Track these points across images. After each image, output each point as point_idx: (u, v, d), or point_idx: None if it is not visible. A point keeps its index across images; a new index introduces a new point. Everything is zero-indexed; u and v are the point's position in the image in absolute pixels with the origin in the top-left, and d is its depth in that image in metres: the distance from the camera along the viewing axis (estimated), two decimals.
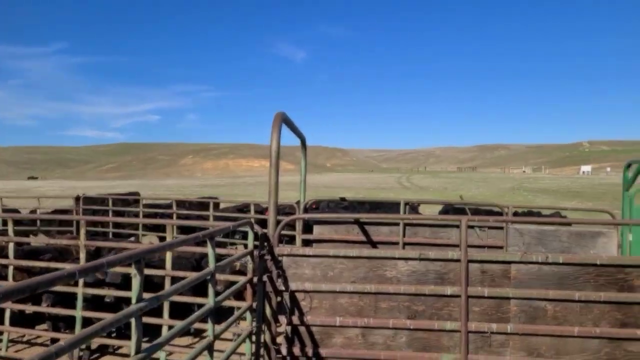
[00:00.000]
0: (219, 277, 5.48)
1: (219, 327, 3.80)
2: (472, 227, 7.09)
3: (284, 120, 4.75)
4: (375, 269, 4.19)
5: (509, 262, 4.04)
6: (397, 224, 7.06)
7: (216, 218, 10.94)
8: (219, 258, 3.86)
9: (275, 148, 4.41)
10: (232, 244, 10.82)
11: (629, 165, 7.45)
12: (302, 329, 4.28)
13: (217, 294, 3.70)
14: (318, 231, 7.41)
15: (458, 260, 4.04)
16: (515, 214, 8.45)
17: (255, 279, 4.28)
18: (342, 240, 7.09)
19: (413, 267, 4.14)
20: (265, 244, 4.29)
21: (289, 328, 4.30)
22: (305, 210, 7.81)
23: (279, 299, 4.28)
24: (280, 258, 4.30)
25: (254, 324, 4.27)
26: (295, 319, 4.27)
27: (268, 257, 4.27)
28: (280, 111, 4.66)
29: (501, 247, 6.64)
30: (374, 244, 6.95)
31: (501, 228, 6.90)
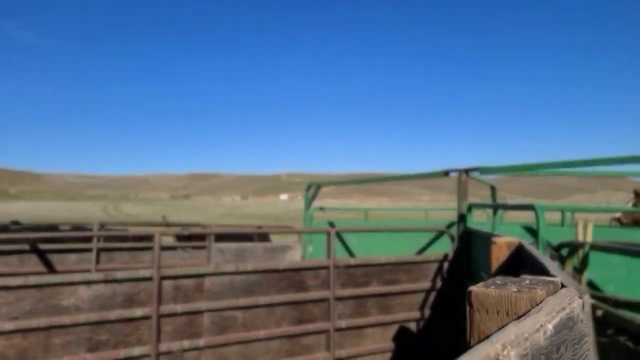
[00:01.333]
0: None
1: None
2: (174, 248, 6.95)
3: None
4: (47, 299, 3.48)
5: (203, 275, 4.04)
6: (89, 250, 6.22)
7: None
8: None
9: None
10: None
11: (308, 188, 8.86)
12: None
13: None
14: None
15: (150, 279, 3.77)
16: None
17: None
18: (14, 274, 5.72)
19: (97, 292, 3.63)
20: None
21: None
22: None
23: None
24: None
25: None
26: None
27: None
28: None
29: None
30: None
31: (204, 248, 7.01)
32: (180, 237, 7.46)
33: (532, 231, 5.23)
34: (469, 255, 4.91)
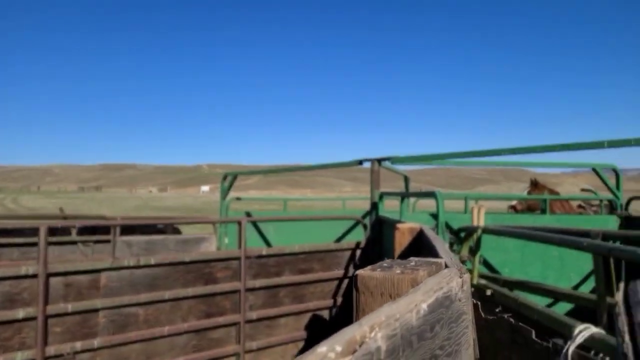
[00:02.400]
0: None
1: None
2: (75, 242, 6.41)
3: None
4: None
5: (99, 271, 3.73)
6: None
7: None
8: None
9: None
10: None
11: (225, 178, 8.60)
12: None
13: None
14: None
15: (35, 276, 3.40)
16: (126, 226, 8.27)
17: None
18: None
19: None
20: None
21: None
22: None
23: None
24: None
25: None
26: None
27: None
28: None
29: None
30: None
31: (108, 242, 6.54)
32: (82, 231, 6.89)
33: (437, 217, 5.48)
34: (380, 243, 5.04)
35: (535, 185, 10.62)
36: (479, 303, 2.45)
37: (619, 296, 1.01)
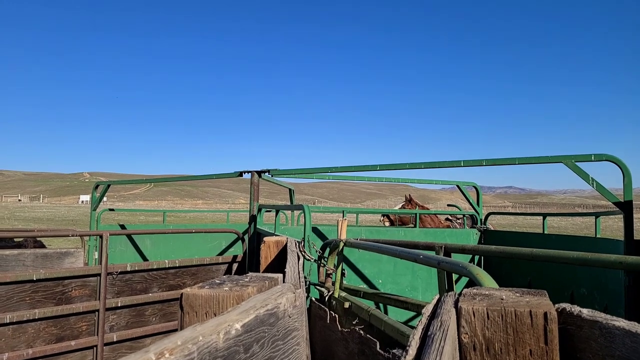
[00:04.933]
0: None
1: None
2: None
3: None
4: None
5: None
6: None
7: None
8: None
9: None
10: None
11: (96, 187, 7.89)
12: None
13: None
14: None
15: None
16: None
17: None
18: None
19: None
20: None
21: None
22: None
23: None
24: None
25: None
26: None
27: None
28: None
29: None
30: None
31: None
32: None
33: (317, 231, 5.60)
34: (257, 256, 4.97)
35: (409, 201, 11.47)
36: (337, 316, 2.50)
37: (429, 308, 1.07)
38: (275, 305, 1.25)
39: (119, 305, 4.11)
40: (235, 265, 4.97)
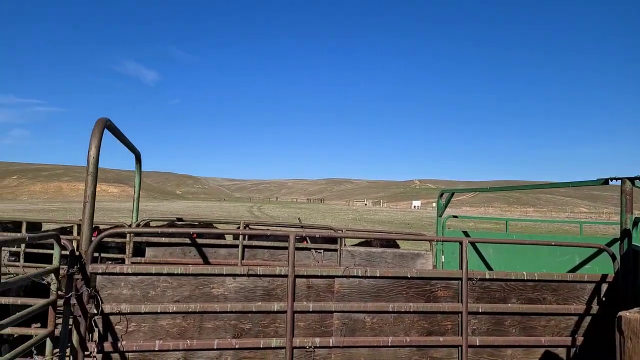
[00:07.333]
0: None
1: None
2: (309, 249, 7.30)
3: (110, 129, 4.29)
4: (202, 287, 3.95)
5: (333, 277, 4.18)
6: (236, 246, 6.90)
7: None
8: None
9: (94, 155, 3.92)
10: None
11: (441, 195, 8.57)
12: (115, 356, 3.78)
13: None
14: (152, 254, 6.85)
15: (285, 276, 4.04)
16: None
17: (61, 302, 3.66)
18: (176, 263, 6.63)
19: (241, 284, 4.01)
20: (77, 261, 3.73)
21: (99, 356, 3.76)
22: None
23: (88, 323, 3.73)
24: (93, 277, 3.79)
25: (57, 353, 3.62)
26: (107, 346, 3.75)
27: (78, 276, 3.71)
28: (104, 117, 4.20)
29: None
30: None
31: (335, 250, 7.25)
32: (313, 239, 7.81)
33: None
34: (635, 278, 4.24)
35: None
36: None
37: None
38: None
39: (480, 310, 4.29)
40: (604, 287, 4.39)
